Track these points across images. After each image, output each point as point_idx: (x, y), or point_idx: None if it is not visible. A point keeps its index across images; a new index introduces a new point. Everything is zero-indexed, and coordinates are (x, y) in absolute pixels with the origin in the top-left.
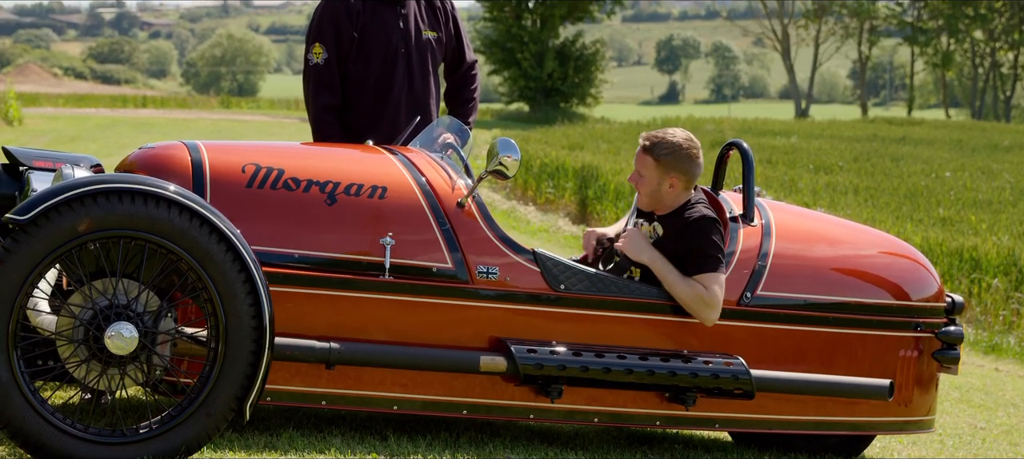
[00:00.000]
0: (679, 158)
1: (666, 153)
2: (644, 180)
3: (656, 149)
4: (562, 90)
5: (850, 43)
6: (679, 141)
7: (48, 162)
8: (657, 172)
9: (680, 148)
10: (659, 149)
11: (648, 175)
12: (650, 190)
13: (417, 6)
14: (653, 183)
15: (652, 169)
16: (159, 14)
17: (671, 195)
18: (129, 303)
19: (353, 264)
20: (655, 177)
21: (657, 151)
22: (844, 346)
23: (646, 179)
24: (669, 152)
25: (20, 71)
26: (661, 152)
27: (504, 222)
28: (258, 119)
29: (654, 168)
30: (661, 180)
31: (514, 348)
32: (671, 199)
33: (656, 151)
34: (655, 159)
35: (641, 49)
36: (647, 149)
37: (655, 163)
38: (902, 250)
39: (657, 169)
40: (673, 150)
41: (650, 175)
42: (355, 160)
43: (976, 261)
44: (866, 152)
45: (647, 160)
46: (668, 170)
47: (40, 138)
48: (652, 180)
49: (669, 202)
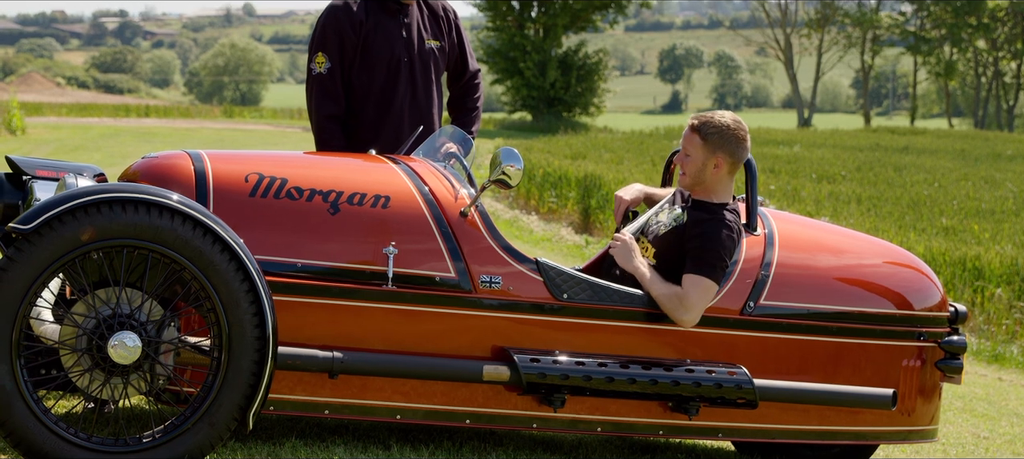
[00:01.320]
0: (726, 139)
1: (713, 133)
2: (690, 159)
3: (704, 128)
4: (565, 99)
5: (853, 52)
6: (727, 123)
7: (51, 171)
8: (704, 152)
9: (728, 128)
10: (707, 128)
11: (694, 154)
12: (695, 170)
13: (420, 15)
14: (699, 162)
15: (699, 148)
16: (162, 23)
17: (715, 177)
18: (132, 312)
19: (356, 273)
20: (701, 156)
21: (705, 131)
22: (847, 356)
23: (692, 158)
24: (716, 132)
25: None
26: (709, 131)
27: (507, 231)
28: (261, 128)
29: (701, 147)
30: (706, 160)
31: (517, 357)
32: (713, 182)
33: (704, 130)
34: (702, 138)
35: (644, 58)
36: (695, 128)
37: (702, 142)
38: (905, 260)
39: (704, 149)
40: (720, 131)
41: (696, 154)
42: (358, 169)
43: (979, 270)
44: (869, 161)
45: (694, 139)
46: (714, 150)
47: (43, 147)
48: (698, 159)
49: (710, 185)
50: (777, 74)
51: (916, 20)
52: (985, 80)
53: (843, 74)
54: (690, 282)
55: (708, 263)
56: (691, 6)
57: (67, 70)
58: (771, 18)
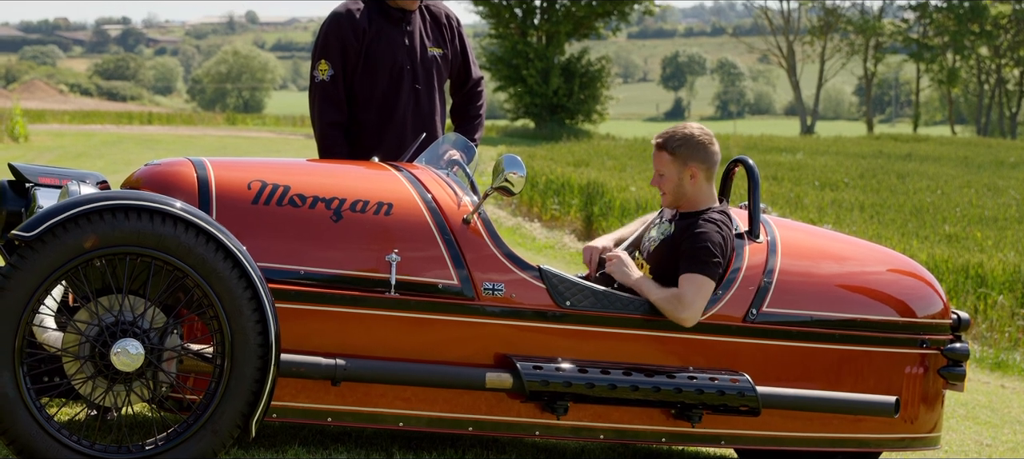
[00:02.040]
0: (693, 147)
1: (680, 144)
2: (665, 178)
3: (669, 143)
4: (568, 106)
5: (856, 60)
6: (691, 131)
7: (54, 179)
8: (675, 166)
9: (693, 137)
10: (672, 143)
11: (668, 172)
12: (673, 186)
13: (423, 23)
14: (674, 178)
15: (670, 164)
16: (165, 31)
17: (693, 187)
18: (135, 319)
19: (359, 281)
20: (674, 172)
21: (671, 145)
22: (850, 363)
23: (667, 176)
24: (682, 143)
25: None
26: (675, 145)
27: (510, 238)
28: (264, 136)
29: (672, 163)
30: (681, 173)
31: (520, 365)
32: (694, 192)
33: (670, 146)
34: (671, 153)
35: (647, 66)
36: (661, 146)
37: (672, 158)
38: (908, 267)
39: (675, 163)
40: (686, 141)
41: (669, 171)
42: (361, 177)
43: (982, 278)
44: (872, 169)
45: (663, 157)
46: (686, 161)
47: (46, 154)
48: (673, 175)
49: (692, 195)
50: (780, 81)
51: (919, 27)
52: (988, 87)
53: (846, 81)
54: (685, 281)
55: (700, 260)
56: (694, 13)
57: (70, 77)
58: (774, 25)
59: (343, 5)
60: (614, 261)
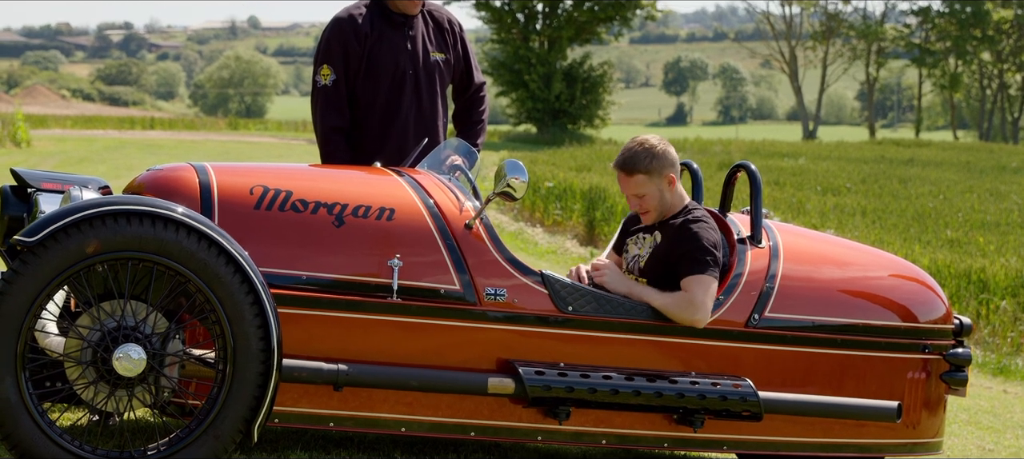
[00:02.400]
0: (659, 158)
1: (648, 160)
2: (647, 198)
3: (640, 165)
4: (570, 112)
5: (858, 65)
6: (651, 144)
7: (56, 184)
8: (653, 182)
9: (654, 149)
10: (642, 163)
11: (648, 191)
12: (656, 202)
13: (425, 28)
14: (656, 194)
15: (647, 183)
16: (167, 36)
17: (672, 193)
18: (137, 325)
19: (361, 286)
20: (654, 187)
21: (643, 166)
22: (852, 368)
23: (648, 195)
24: (649, 158)
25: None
26: (646, 165)
27: (512, 244)
28: (266, 141)
29: (648, 181)
30: (660, 187)
31: (522, 370)
32: (672, 198)
33: (642, 166)
34: (645, 174)
35: (649, 71)
36: (631, 171)
37: (647, 177)
38: (910, 272)
39: (652, 180)
40: (652, 155)
41: (649, 189)
42: (363, 182)
43: (984, 283)
44: (874, 174)
45: (639, 179)
46: (660, 174)
47: (48, 160)
48: (653, 193)
49: (672, 201)
50: (782, 86)
51: (921, 32)
52: (990, 92)
53: (848, 86)
54: (690, 282)
55: (699, 260)
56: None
57: (72, 82)
58: (776, 30)
59: (345, 10)
60: (604, 272)
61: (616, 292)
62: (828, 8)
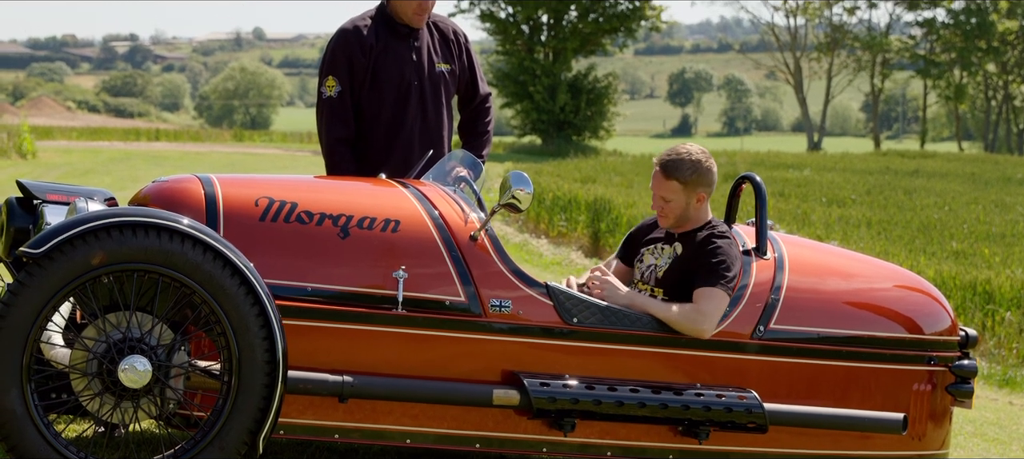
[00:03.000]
0: (701, 173)
1: (690, 172)
2: (671, 204)
3: (680, 171)
4: (574, 123)
5: (863, 76)
6: (698, 158)
7: (62, 196)
8: (684, 193)
9: (701, 164)
10: (684, 171)
11: (675, 198)
12: (679, 211)
13: (430, 39)
14: (681, 205)
15: (679, 192)
16: (172, 47)
17: (698, 210)
18: (143, 336)
19: (366, 297)
20: (683, 198)
21: (682, 173)
22: (857, 380)
23: (674, 203)
24: (692, 170)
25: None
26: (686, 173)
27: (517, 255)
28: (271, 152)
29: (681, 190)
30: (689, 199)
31: (527, 381)
32: (697, 214)
33: (681, 174)
34: (681, 182)
35: (654, 82)
36: (670, 173)
37: (682, 186)
38: (915, 283)
39: (684, 191)
40: (695, 168)
41: (677, 198)
42: (368, 193)
43: (990, 294)
44: (879, 185)
45: (672, 185)
46: (695, 188)
47: (53, 171)
48: (680, 202)
49: (695, 218)
50: (787, 97)
51: (926, 44)
52: (995, 104)
53: (853, 97)
54: (702, 295)
55: (718, 274)
56: (701, 30)
57: (78, 94)
58: (781, 42)
59: (350, 21)
60: (602, 286)
61: (618, 304)
62: (833, 19)
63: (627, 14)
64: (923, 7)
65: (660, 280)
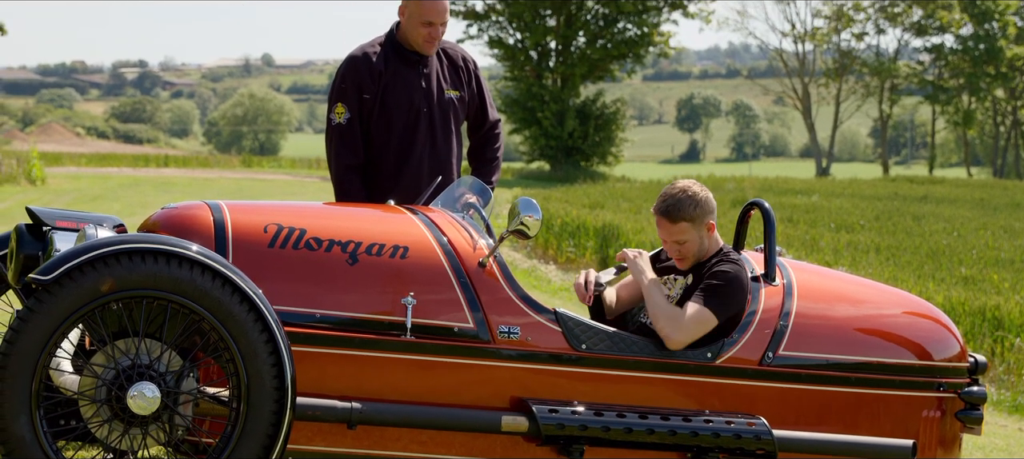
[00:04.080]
0: (703, 203)
1: (694, 207)
2: (687, 244)
3: (685, 210)
4: (583, 149)
5: (871, 101)
6: (693, 190)
7: (71, 222)
8: (695, 230)
9: (698, 195)
10: (687, 208)
11: (689, 237)
12: (695, 248)
13: (440, 65)
14: (696, 241)
15: (690, 230)
16: (181, 74)
17: (710, 239)
18: (151, 363)
19: (375, 324)
20: (695, 235)
21: (687, 211)
22: (866, 406)
23: (689, 242)
24: (695, 204)
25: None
26: (690, 210)
27: (525, 281)
28: (280, 178)
29: (691, 228)
30: (701, 234)
31: (535, 408)
32: (711, 244)
33: (686, 212)
34: (689, 220)
35: (662, 108)
36: (676, 216)
37: (691, 224)
38: (924, 310)
39: (694, 228)
40: (696, 201)
41: (690, 236)
42: (377, 220)
43: (999, 320)
44: (887, 211)
45: (681, 226)
46: (702, 220)
47: (63, 197)
48: (694, 239)
49: (710, 247)
50: (795, 123)
51: (934, 69)
52: (1004, 129)
53: (861, 123)
54: (691, 308)
55: (711, 293)
56: (709, 55)
57: (87, 120)
58: (789, 67)
59: (360, 48)
60: (633, 259)
61: (635, 278)
62: (841, 45)
63: (635, 40)
64: (931, 33)
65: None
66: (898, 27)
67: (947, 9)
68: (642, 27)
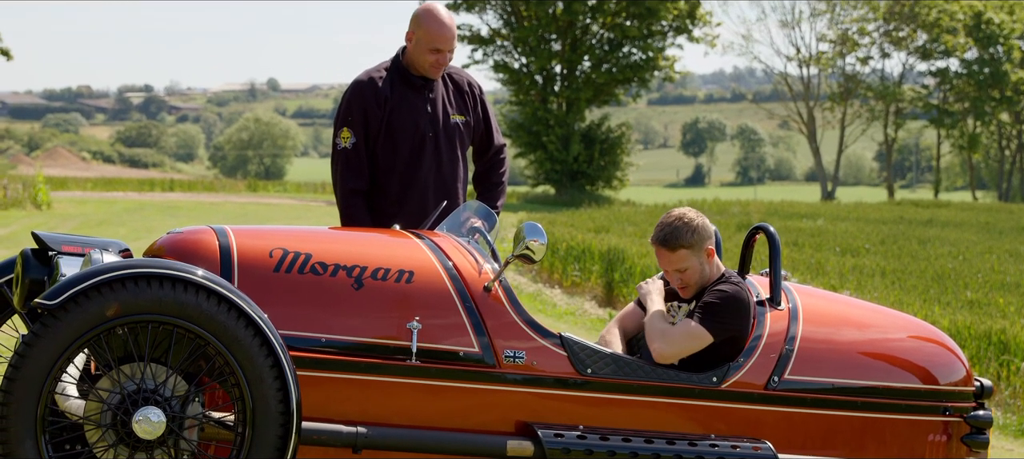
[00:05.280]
0: (699, 231)
1: (691, 234)
2: (688, 272)
3: (683, 238)
4: (588, 173)
5: (876, 125)
6: (688, 216)
7: (77, 247)
8: (694, 256)
9: (693, 222)
10: (685, 236)
11: (690, 264)
12: (697, 275)
13: (445, 90)
14: (697, 268)
15: (690, 257)
16: (186, 98)
17: (710, 264)
18: (157, 387)
19: (380, 348)
20: (696, 261)
21: (685, 239)
22: (872, 431)
23: (690, 269)
24: (691, 232)
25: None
26: (688, 237)
27: (530, 305)
28: (285, 202)
29: (691, 255)
30: (700, 260)
31: (541, 432)
32: (712, 269)
33: (684, 239)
34: (688, 247)
35: (667, 132)
36: (674, 245)
37: (690, 251)
38: (930, 334)
39: (693, 254)
40: (692, 228)
41: (691, 263)
42: (382, 244)
43: (1005, 344)
44: (893, 234)
45: (681, 254)
46: (701, 246)
47: (68, 222)
48: (695, 266)
49: (711, 272)
50: (800, 147)
51: (939, 93)
52: (1009, 153)
53: (866, 147)
54: (685, 323)
55: (707, 312)
56: (714, 79)
57: (92, 144)
58: (794, 92)
59: (365, 73)
60: (647, 288)
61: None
62: (846, 69)
63: (640, 64)
64: (936, 57)
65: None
66: (903, 51)
67: (952, 33)
68: (647, 51)
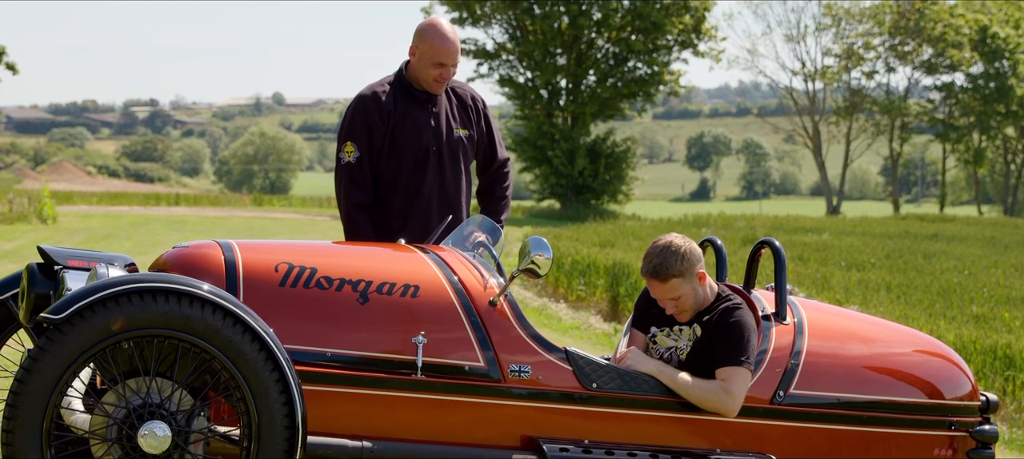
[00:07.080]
0: (688, 258)
1: (681, 262)
2: (682, 299)
3: (673, 267)
4: (593, 187)
5: (881, 140)
6: (677, 244)
7: (83, 261)
8: (686, 283)
9: (681, 248)
10: (675, 264)
11: (683, 291)
12: (692, 300)
13: (449, 104)
14: (690, 294)
15: (682, 285)
16: (192, 112)
17: (703, 288)
18: (162, 402)
19: (385, 363)
20: (689, 287)
21: (676, 267)
22: (878, 445)
23: (684, 296)
24: (680, 260)
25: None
26: (679, 265)
27: (535, 320)
28: (290, 217)
29: (683, 282)
30: (693, 286)
31: (546, 447)
32: (706, 293)
33: (675, 268)
34: (680, 274)
35: (672, 146)
36: (665, 275)
37: (682, 278)
38: (935, 348)
39: (685, 281)
40: (680, 256)
41: (685, 290)
42: (387, 259)
43: (1010, 359)
44: (898, 249)
45: (673, 283)
46: (692, 272)
47: (74, 236)
48: (688, 292)
49: (704, 295)
50: (805, 161)
51: (944, 108)
52: (1014, 167)
53: (872, 161)
54: (728, 373)
55: (741, 351)
56: (719, 94)
57: (98, 159)
58: (799, 106)
59: (369, 87)
60: (632, 357)
61: (646, 372)
62: (851, 84)
63: (646, 79)
64: (942, 71)
65: (683, 363)
66: (908, 65)
67: (957, 47)
68: (652, 66)
